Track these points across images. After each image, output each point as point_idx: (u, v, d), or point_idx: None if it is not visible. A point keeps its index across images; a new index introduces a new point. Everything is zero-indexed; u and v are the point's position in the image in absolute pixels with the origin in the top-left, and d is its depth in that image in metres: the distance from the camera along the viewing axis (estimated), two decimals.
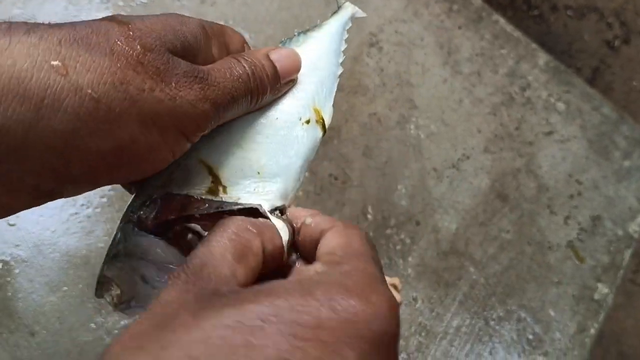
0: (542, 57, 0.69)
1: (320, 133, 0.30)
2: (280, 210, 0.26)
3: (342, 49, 0.33)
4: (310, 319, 0.17)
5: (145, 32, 0.22)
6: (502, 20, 0.70)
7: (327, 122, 0.30)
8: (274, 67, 0.27)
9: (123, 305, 0.24)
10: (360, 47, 0.64)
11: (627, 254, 0.62)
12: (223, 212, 0.25)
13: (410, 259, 0.56)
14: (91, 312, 0.47)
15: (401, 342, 0.53)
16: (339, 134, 0.59)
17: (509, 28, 0.70)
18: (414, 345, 0.53)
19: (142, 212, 0.25)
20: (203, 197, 0.25)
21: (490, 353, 0.55)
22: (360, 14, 0.35)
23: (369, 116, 0.61)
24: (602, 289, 0.60)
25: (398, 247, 0.56)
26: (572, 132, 0.66)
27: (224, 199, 0.25)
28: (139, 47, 0.21)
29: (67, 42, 0.20)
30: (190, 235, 0.25)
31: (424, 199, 0.59)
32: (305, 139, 0.29)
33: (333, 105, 0.31)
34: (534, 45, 0.69)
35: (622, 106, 0.96)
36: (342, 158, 0.59)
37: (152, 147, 0.22)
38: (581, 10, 0.97)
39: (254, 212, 0.25)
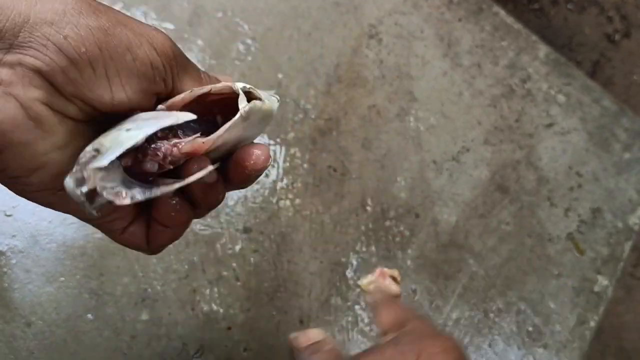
0: (543, 49, 0.69)
1: (273, 99, 0.31)
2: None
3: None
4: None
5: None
6: (502, 12, 0.69)
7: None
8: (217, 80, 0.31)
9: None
10: (359, 39, 0.63)
11: (627, 246, 0.62)
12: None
13: (409, 251, 0.56)
14: (88, 302, 0.46)
15: None
16: (338, 126, 0.59)
17: (510, 20, 0.69)
18: None
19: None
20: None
21: (490, 345, 0.54)
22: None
23: (368, 108, 0.61)
24: (602, 281, 0.60)
25: (397, 240, 0.56)
26: (573, 125, 0.66)
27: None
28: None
29: None
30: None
31: (424, 191, 0.59)
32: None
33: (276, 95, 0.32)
34: (534, 38, 0.69)
35: (623, 100, 0.96)
36: (341, 150, 0.58)
37: (130, 40, 0.25)
38: (581, 3, 0.97)
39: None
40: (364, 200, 0.57)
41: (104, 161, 0.23)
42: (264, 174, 0.56)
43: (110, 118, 0.26)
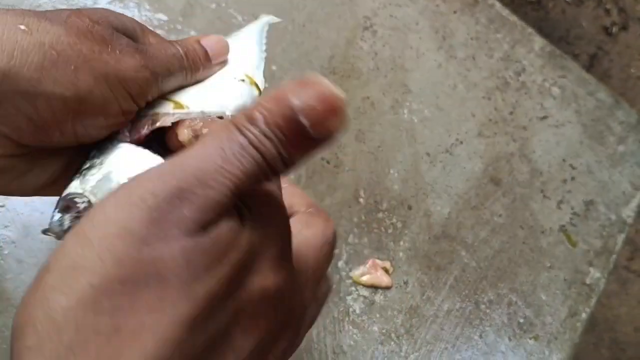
0: (538, 42, 0.69)
1: (255, 92, 0.34)
2: None
3: (264, 42, 0.38)
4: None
5: (92, 12, 0.27)
6: (498, 5, 0.69)
7: (261, 87, 0.34)
8: (204, 49, 0.32)
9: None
10: (354, 31, 0.63)
11: (620, 238, 0.62)
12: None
13: (401, 242, 0.56)
14: None
15: (391, 325, 0.53)
16: None
17: (505, 12, 0.69)
18: (404, 328, 0.53)
19: (118, 135, 0.28)
20: (170, 111, 0.29)
21: (481, 336, 0.55)
22: (275, 19, 0.42)
23: (362, 100, 0.61)
24: (594, 273, 0.60)
25: (390, 231, 0.56)
26: (567, 117, 0.66)
27: (190, 110, 0.29)
28: (87, 20, 0.26)
29: (29, 14, 0.25)
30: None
31: (417, 183, 0.59)
32: (243, 89, 0.33)
33: (264, 77, 0.35)
34: (529, 30, 0.69)
35: (620, 93, 0.96)
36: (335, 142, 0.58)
37: (105, 100, 0.26)
38: None
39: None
40: (356, 192, 0.57)
41: None
42: None
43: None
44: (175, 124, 0.29)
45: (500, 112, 0.64)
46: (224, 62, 0.34)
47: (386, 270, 0.54)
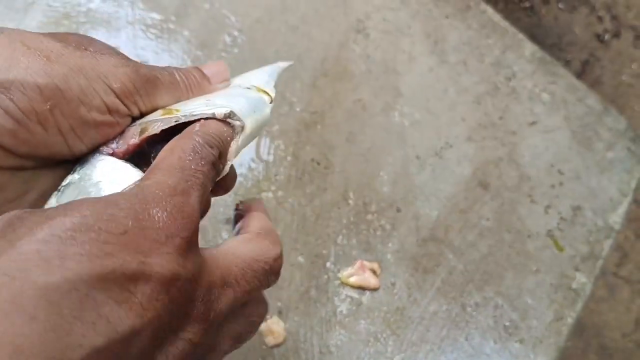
0: (529, 48, 0.69)
1: (266, 97, 0.32)
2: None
3: (275, 77, 0.37)
4: (116, 225, 0.19)
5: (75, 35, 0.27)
6: (490, 10, 0.70)
7: (272, 94, 0.33)
8: (201, 70, 0.31)
9: None
10: (346, 34, 0.64)
11: (607, 244, 0.63)
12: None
13: (390, 244, 0.57)
14: None
15: (378, 326, 0.53)
16: (323, 120, 0.60)
17: (497, 18, 0.70)
18: (391, 330, 0.54)
19: (103, 147, 0.26)
20: (158, 118, 0.27)
21: (466, 339, 0.55)
22: (289, 63, 0.40)
23: (353, 102, 0.61)
24: (581, 278, 0.61)
25: (378, 233, 0.57)
26: (556, 123, 0.66)
27: (180, 115, 0.27)
28: (66, 34, 0.26)
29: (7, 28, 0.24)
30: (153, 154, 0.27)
31: (406, 186, 0.59)
32: (250, 93, 0.31)
33: (275, 87, 0.34)
34: (520, 36, 0.69)
35: (611, 99, 0.97)
36: (325, 143, 0.59)
37: (83, 89, 0.25)
38: (572, 3, 0.97)
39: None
40: (346, 193, 0.57)
41: None
42: (248, 167, 0.56)
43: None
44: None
45: (490, 117, 0.65)
46: (225, 83, 0.33)
47: (374, 272, 0.55)
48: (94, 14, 0.56)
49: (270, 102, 0.32)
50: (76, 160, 0.26)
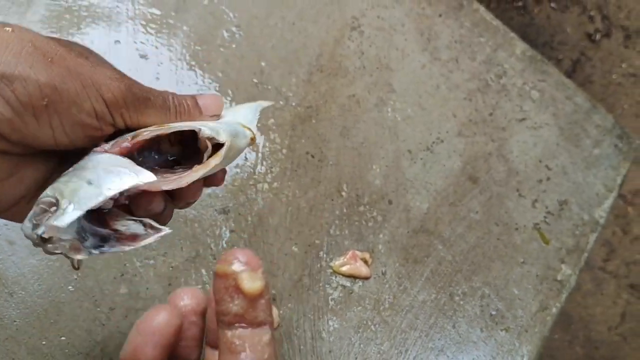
0: (520, 46, 0.71)
1: (248, 132, 0.36)
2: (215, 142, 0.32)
3: (257, 116, 0.40)
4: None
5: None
6: (482, 9, 0.72)
7: (254, 132, 0.37)
8: (195, 101, 0.34)
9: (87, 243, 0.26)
10: (342, 30, 0.65)
11: (592, 238, 0.65)
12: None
13: (381, 235, 0.58)
14: (69, 275, 0.49)
15: (368, 314, 0.55)
16: (317, 114, 0.61)
17: (489, 17, 0.71)
18: (381, 317, 0.56)
19: (96, 148, 0.29)
20: (150, 129, 0.30)
21: (454, 327, 0.57)
22: (268, 103, 0.44)
23: (347, 98, 0.63)
24: (566, 270, 0.63)
25: (370, 224, 0.59)
26: (545, 120, 0.68)
27: (170, 126, 0.31)
28: (72, 44, 0.30)
29: (9, 25, 0.27)
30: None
31: (398, 179, 0.61)
32: (235, 125, 0.35)
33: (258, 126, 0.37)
34: (512, 34, 0.71)
35: (601, 98, 0.99)
36: (320, 137, 0.61)
37: (78, 93, 0.27)
38: (564, 2, 0.99)
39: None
40: (339, 186, 0.59)
41: (62, 221, 0.25)
42: (244, 158, 0.58)
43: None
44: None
45: (481, 113, 0.66)
46: (217, 116, 0.35)
47: (365, 261, 0.57)
48: (95, 8, 0.57)
49: (252, 138, 0.36)
50: (57, 152, 0.29)
